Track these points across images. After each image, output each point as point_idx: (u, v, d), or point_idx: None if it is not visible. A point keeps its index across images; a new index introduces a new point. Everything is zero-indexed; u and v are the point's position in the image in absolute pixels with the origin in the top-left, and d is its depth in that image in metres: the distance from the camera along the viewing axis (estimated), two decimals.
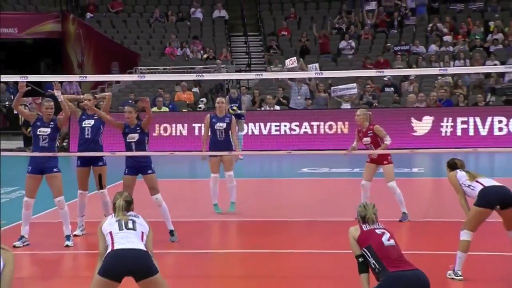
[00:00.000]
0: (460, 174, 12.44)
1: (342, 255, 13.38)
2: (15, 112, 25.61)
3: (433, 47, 34.68)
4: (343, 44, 35.89)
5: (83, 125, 15.76)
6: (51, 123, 15.09)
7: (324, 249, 14.84)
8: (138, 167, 15.43)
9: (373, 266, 8.82)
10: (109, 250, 9.05)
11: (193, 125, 27.55)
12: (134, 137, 15.37)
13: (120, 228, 9.18)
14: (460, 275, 12.07)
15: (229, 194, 17.45)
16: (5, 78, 24.15)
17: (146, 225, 9.29)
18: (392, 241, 8.92)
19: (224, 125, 17.25)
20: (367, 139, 16.19)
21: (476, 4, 37.06)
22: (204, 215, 17.02)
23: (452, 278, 11.95)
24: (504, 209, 11.74)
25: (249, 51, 37.71)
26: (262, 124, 28.17)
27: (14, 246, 14.37)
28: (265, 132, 28.22)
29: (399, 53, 34.66)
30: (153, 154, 15.44)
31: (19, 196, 19.44)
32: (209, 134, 17.65)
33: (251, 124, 28.37)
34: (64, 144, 29.65)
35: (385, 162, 16.21)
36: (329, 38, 36.37)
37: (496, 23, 35.29)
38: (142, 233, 9.18)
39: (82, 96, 17.61)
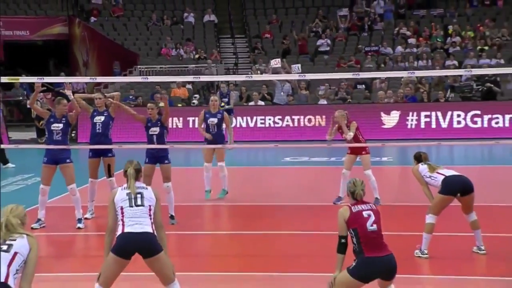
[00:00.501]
0: (422, 168, 12.73)
1: (323, 235, 13.86)
2: (28, 106, 25.62)
3: (399, 49, 34.70)
4: (320, 41, 35.92)
5: (95, 121, 15.88)
6: (63, 119, 15.26)
7: (307, 230, 14.90)
8: (158, 157, 15.64)
9: (354, 244, 8.88)
10: (119, 232, 9.12)
11: (188, 118, 27.47)
12: (155, 130, 15.62)
13: (130, 205, 9.18)
14: (426, 254, 12.35)
15: (221, 183, 17.54)
16: (24, 79, 24.03)
17: (153, 197, 9.31)
18: (374, 226, 8.96)
19: (216, 120, 17.36)
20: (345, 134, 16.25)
21: (436, 11, 37.16)
22: (198, 200, 17.02)
23: (419, 256, 12.24)
24: (463, 196, 12.06)
25: (236, 51, 37.58)
26: (249, 118, 28.34)
27: (32, 228, 14.44)
28: (251, 124, 28.37)
29: (369, 53, 34.81)
30: (156, 147, 15.51)
31: (35, 182, 19.77)
32: (203, 127, 17.63)
33: (239, 118, 28.40)
34: (72, 135, 29.67)
35: (363, 153, 16.45)
36: (307, 40, 36.36)
37: (454, 27, 35.39)
38: (150, 206, 9.20)
39: (94, 95, 17.70)
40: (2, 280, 7.35)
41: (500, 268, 11.98)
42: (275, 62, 31.37)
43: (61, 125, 15.27)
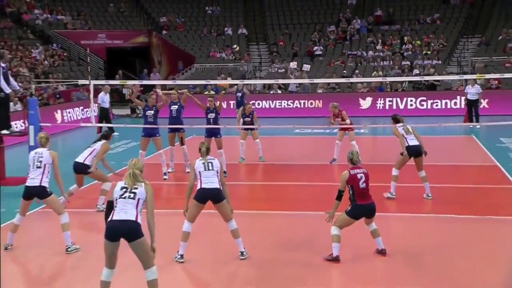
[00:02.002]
0: (400, 128, 12.87)
1: (323, 185, 14.21)
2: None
3: (370, 53, 34.50)
4: (316, 48, 35.63)
5: (171, 109, 16.20)
6: (153, 107, 15.85)
7: (312, 181, 14.92)
8: (214, 133, 15.81)
9: (350, 195, 9.17)
10: (198, 187, 9.33)
11: (229, 102, 26.33)
12: (212, 115, 15.90)
13: (205, 169, 9.32)
14: (394, 195, 12.74)
15: (257, 152, 17.29)
16: (130, 82, 24.50)
17: (218, 165, 9.43)
18: (364, 185, 9.25)
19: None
20: (338, 119, 16.42)
21: (395, 26, 36.79)
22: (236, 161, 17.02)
23: (389, 197, 12.60)
24: (416, 158, 12.50)
25: (260, 54, 37.22)
26: (270, 101, 28.27)
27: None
28: (272, 106, 28.25)
29: (350, 56, 34.55)
30: (212, 127, 15.79)
31: (133, 146, 20.11)
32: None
33: (264, 101, 28.38)
34: None
35: (349, 129, 16.50)
36: (309, 47, 36.21)
37: (407, 38, 35.06)
38: (217, 171, 9.31)
39: (171, 91, 18.17)
40: (133, 219, 7.39)
41: (441, 208, 12.10)
42: (293, 64, 31.84)
43: (152, 112, 15.79)
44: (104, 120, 22.63)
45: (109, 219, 7.58)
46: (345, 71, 32.25)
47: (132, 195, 7.60)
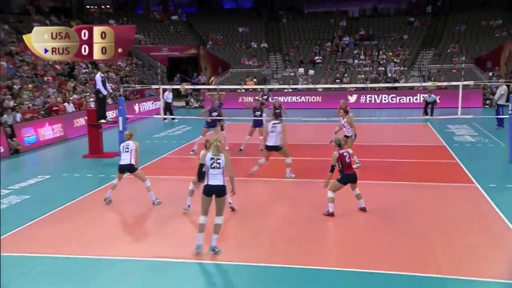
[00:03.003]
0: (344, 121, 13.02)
1: (324, 160, 13.28)
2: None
3: (356, 61, 34.21)
4: (317, 57, 35.40)
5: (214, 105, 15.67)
6: (218, 108, 15.33)
7: (315, 157, 14.77)
8: (258, 124, 15.24)
9: (339, 167, 9.36)
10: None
11: (255, 97, 26.01)
12: (259, 113, 15.48)
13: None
14: (358, 163, 12.86)
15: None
16: (188, 86, 24.66)
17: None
18: (348, 160, 9.46)
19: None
20: (342, 112, 14.72)
21: (374, 42, 36.54)
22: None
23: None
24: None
25: (276, 62, 36.97)
26: (284, 97, 27.76)
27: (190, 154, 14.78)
28: (285, 100, 27.71)
29: (341, 63, 34.28)
30: (258, 119, 15.29)
31: (188, 130, 20.15)
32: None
33: (281, 97, 27.52)
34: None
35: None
36: (311, 56, 36.08)
37: (382, 50, 34.85)
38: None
39: (215, 95, 18.10)
40: (221, 183, 7.56)
41: (404, 177, 11.99)
42: (300, 70, 31.88)
43: (216, 113, 15.06)
44: (167, 111, 23.02)
45: (205, 183, 7.64)
46: (338, 75, 32.20)
47: (218, 165, 7.58)
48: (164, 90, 23.11)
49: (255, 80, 32.51)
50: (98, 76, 15.08)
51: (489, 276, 6.91)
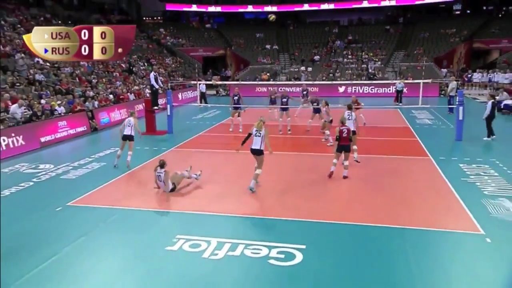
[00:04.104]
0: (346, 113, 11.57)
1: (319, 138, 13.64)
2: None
3: (345, 60, 33.83)
4: (316, 57, 35.13)
5: (234, 98, 14.80)
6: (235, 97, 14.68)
7: (313, 135, 14.08)
8: (284, 109, 14.46)
9: (337, 138, 9.36)
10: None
11: (269, 88, 25.68)
12: (285, 100, 14.45)
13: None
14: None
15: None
16: (217, 82, 24.37)
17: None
18: (346, 134, 9.34)
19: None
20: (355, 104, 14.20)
21: (359, 45, 36.03)
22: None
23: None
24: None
25: (284, 60, 36.45)
26: (289, 88, 26.92)
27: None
28: (290, 90, 26.11)
29: (334, 62, 33.81)
30: (284, 107, 14.44)
31: (218, 113, 19.84)
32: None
33: (286, 88, 27.05)
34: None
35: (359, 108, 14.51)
36: (311, 56, 35.80)
37: (365, 51, 34.51)
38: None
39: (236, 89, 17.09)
40: (259, 148, 8.36)
41: (377, 151, 11.77)
42: (303, 68, 31.42)
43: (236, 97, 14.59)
44: (202, 99, 23.14)
45: (251, 147, 8.46)
46: (331, 70, 31.99)
47: (259, 134, 8.39)
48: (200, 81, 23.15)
49: (268, 74, 32.41)
50: (152, 74, 15.25)
51: (439, 226, 6.88)
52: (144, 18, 44.14)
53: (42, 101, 15.74)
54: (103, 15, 37.25)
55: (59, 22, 28.24)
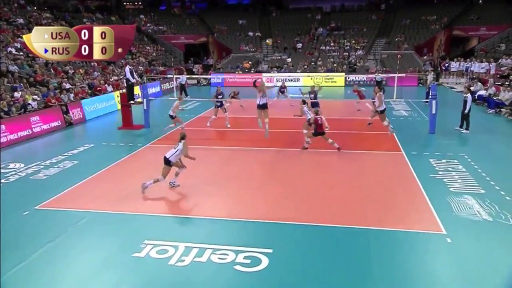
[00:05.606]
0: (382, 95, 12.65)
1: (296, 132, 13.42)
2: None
3: (327, 47, 33.76)
4: (299, 44, 34.97)
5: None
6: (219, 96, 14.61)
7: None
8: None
9: (314, 127, 10.05)
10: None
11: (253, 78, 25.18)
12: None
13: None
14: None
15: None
16: (214, 76, 23.89)
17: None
18: (320, 122, 10.18)
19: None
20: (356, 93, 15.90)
21: (341, 32, 35.91)
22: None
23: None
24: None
25: (267, 47, 35.98)
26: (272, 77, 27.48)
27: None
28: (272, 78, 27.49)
29: (316, 49, 33.68)
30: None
31: (198, 104, 19.46)
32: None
33: (268, 75, 27.71)
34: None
35: (361, 97, 15.84)
36: (294, 43, 35.61)
37: (347, 39, 34.40)
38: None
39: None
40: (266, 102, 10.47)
41: (351, 145, 11.50)
42: (288, 58, 30.91)
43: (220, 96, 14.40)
44: (182, 90, 22.89)
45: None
46: (313, 58, 31.90)
47: (264, 95, 10.68)
48: (180, 71, 22.77)
49: (250, 62, 32.17)
50: (127, 68, 15.01)
51: (403, 227, 6.86)
52: (124, 4, 43.11)
53: (16, 94, 15.34)
54: (80, 1, 36.23)
55: (34, 8, 27.36)
